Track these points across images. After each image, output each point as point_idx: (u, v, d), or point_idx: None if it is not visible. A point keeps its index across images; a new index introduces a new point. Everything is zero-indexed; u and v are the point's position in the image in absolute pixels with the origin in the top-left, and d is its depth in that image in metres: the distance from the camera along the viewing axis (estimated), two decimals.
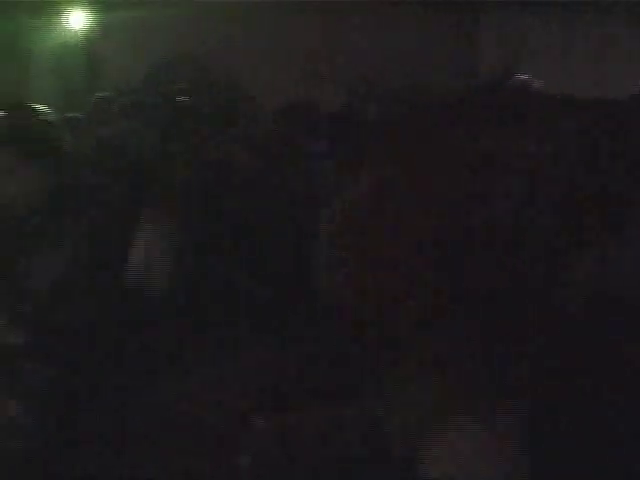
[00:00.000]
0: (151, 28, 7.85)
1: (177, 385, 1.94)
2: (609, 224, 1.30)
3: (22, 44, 8.02)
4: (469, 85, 7.45)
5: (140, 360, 2.06)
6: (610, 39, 8.17)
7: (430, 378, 1.25)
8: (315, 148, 3.33)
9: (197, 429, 1.83)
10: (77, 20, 7.88)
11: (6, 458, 1.93)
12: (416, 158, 1.36)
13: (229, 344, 2.06)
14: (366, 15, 8.41)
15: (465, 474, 1.25)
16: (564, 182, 1.30)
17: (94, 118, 4.40)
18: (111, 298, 2.22)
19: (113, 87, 6.77)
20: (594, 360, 1.26)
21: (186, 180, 2.54)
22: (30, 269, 2.38)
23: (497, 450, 1.26)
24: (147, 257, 2.25)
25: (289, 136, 3.42)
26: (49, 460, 1.92)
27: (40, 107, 4.14)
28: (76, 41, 7.89)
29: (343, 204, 1.38)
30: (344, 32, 8.49)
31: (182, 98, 5.50)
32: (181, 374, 1.96)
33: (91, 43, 7.86)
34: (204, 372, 1.96)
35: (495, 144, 1.33)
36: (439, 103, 1.73)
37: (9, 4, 7.48)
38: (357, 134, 2.71)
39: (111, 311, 2.20)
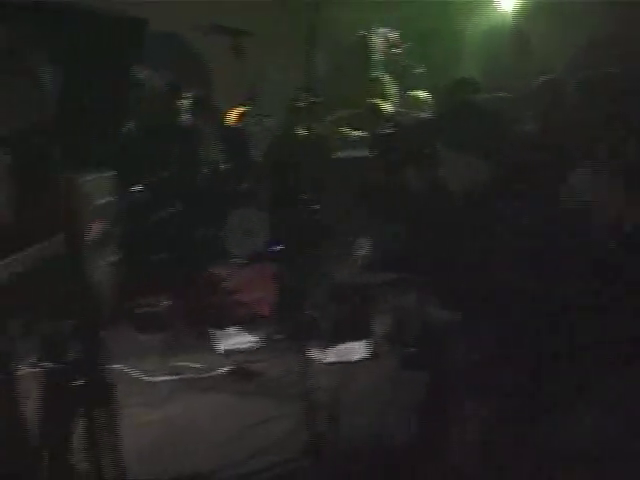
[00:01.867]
0: (578, 11, 7.62)
1: None
2: None
3: (454, 26, 8.29)
4: None
5: None
6: None
7: None
8: None
9: None
10: (508, 1, 7.93)
11: None
12: None
13: None
14: None
15: None
16: None
17: (541, 99, 4.43)
18: None
19: (539, 68, 6.69)
20: None
21: None
22: None
23: None
24: None
25: None
26: None
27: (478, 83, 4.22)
28: (506, 22, 7.96)
29: None
30: None
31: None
32: None
33: (521, 24, 7.88)
34: None
35: None
36: None
37: None
38: None
39: None
